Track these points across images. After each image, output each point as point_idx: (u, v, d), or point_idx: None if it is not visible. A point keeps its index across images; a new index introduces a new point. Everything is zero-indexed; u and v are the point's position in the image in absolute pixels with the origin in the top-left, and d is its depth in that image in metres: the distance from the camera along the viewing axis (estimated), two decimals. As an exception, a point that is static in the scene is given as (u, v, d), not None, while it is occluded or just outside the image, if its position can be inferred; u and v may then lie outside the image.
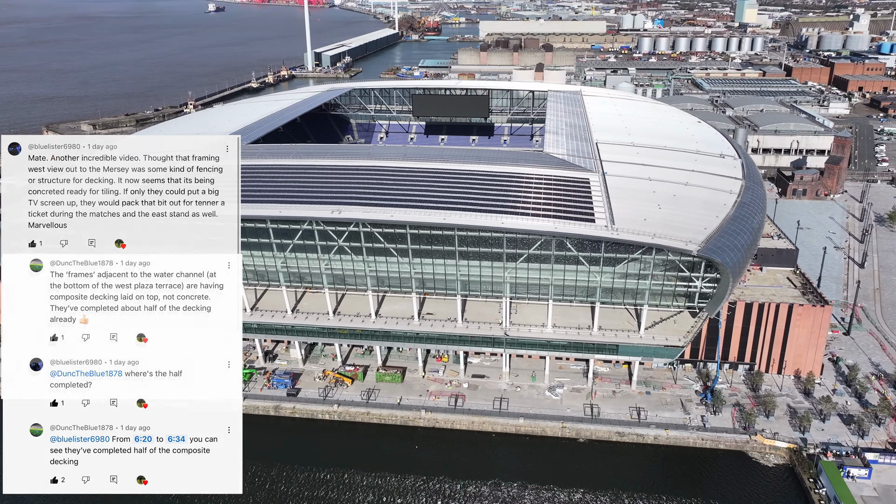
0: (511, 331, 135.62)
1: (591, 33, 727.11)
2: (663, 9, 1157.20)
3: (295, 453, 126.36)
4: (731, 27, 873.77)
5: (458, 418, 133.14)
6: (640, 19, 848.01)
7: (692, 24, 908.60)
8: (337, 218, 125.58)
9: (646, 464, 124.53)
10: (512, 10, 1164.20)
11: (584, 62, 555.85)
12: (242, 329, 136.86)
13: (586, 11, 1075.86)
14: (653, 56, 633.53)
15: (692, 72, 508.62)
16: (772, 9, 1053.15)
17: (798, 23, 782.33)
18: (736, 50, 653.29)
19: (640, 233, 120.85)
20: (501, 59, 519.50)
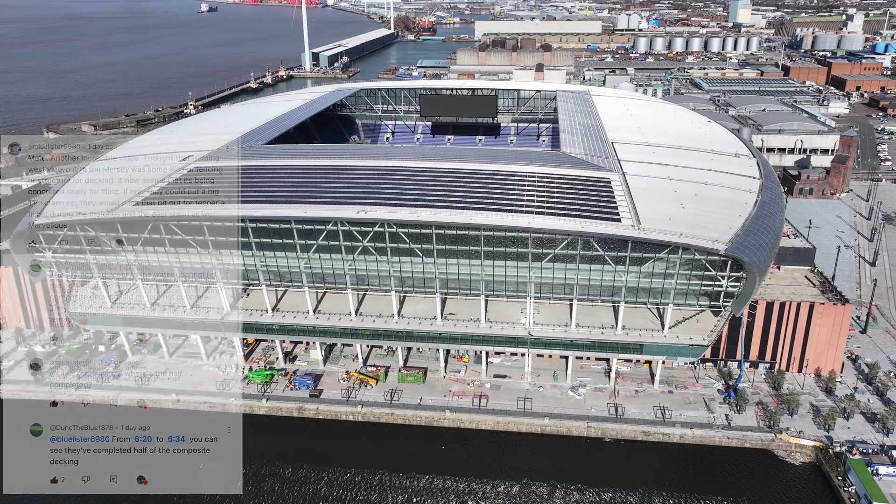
0: (535, 330, 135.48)
1: (588, 33, 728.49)
2: (656, 9, 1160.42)
3: (321, 454, 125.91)
4: (724, 27, 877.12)
5: (482, 418, 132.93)
6: (635, 19, 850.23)
7: (686, 24, 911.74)
8: (362, 218, 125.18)
9: (673, 463, 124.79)
10: (506, 11, 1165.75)
11: (581, 62, 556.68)
12: (264, 330, 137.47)
13: (580, 11, 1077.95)
14: (650, 56, 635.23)
15: (690, 72, 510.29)
16: (764, 9, 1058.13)
17: (792, 23, 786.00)
18: (732, 50, 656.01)
19: (666, 232, 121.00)
20: (500, 59, 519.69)
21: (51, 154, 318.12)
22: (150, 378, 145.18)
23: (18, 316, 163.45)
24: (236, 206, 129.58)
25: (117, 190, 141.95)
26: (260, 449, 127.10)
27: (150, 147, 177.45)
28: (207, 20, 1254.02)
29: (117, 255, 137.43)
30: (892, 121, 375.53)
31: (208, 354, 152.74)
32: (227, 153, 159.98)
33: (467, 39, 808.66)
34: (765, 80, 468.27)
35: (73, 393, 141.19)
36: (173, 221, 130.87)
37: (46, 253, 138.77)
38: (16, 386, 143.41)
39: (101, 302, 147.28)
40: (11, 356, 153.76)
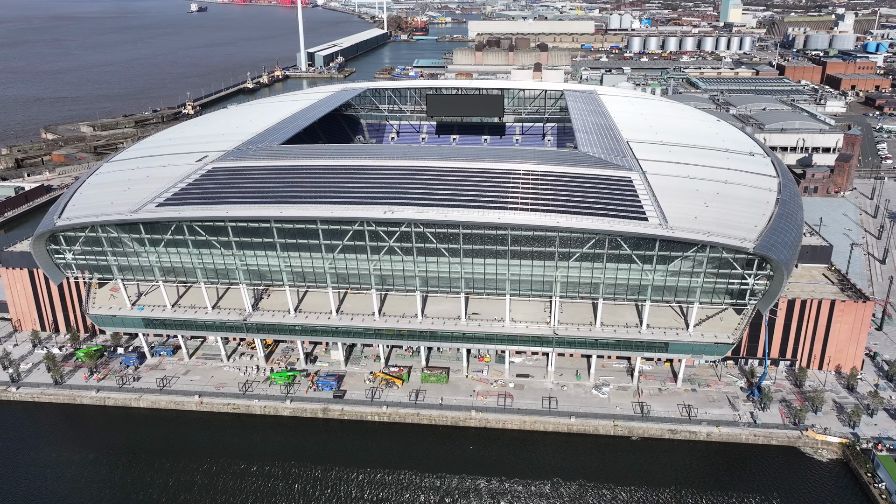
0: (560, 330, 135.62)
1: (581, 33, 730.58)
2: (647, 8, 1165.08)
3: (349, 455, 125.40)
4: (716, 27, 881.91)
5: (508, 418, 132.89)
6: (627, 19, 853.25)
7: (678, 24, 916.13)
8: (390, 218, 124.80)
9: (701, 461, 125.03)
10: (497, 10, 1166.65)
11: (577, 62, 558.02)
12: (287, 331, 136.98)
13: (571, 11, 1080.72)
14: (644, 56, 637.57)
15: (686, 71, 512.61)
16: (754, 8, 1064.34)
17: (784, 22, 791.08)
18: (725, 49, 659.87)
19: (694, 231, 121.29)
20: (497, 58, 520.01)
21: (51, 155, 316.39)
22: (172, 380, 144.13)
23: (33, 318, 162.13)
24: (262, 207, 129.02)
25: (137, 190, 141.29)
26: (288, 450, 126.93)
27: (163, 148, 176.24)
28: (198, 20, 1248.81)
29: (139, 256, 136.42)
30: (889, 119, 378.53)
31: (228, 356, 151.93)
32: (244, 154, 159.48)
33: (461, 39, 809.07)
34: (761, 79, 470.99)
35: (94, 396, 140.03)
36: (197, 222, 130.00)
37: (67, 254, 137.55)
38: (35, 389, 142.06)
39: (121, 304, 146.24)
40: (29, 359, 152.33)
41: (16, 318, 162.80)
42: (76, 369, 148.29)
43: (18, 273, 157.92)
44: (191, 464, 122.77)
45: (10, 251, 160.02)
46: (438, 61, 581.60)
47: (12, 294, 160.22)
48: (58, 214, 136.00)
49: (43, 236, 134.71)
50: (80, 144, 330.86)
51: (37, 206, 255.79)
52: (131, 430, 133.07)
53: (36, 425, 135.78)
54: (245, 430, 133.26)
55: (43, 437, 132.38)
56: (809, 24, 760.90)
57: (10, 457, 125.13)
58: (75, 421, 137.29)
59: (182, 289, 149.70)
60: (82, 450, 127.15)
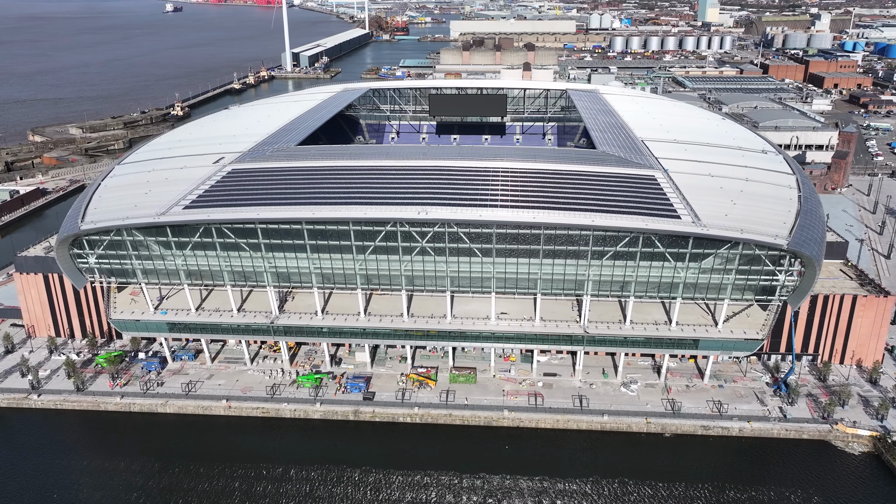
0: (590, 328, 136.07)
1: (564, 32, 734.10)
2: (624, 8, 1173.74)
3: (385, 457, 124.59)
4: (693, 26, 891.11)
5: (541, 417, 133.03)
6: (608, 19, 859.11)
7: (656, 24, 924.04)
8: (424, 219, 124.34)
9: (735, 456, 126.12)
10: (476, 10, 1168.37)
11: (563, 61, 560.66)
12: (314, 333, 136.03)
13: (550, 11, 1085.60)
14: (627, 55, 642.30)
15: (672, 70, 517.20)
16: (729, 8, 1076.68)
17: (762, 21, 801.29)
18: (706, 48, 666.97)
19: (727, 228, 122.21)
20: (484, 58, 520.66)
21: (41, 157, 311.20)
22: (196, 385, 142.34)
23: (48, 324, 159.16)
24: (293, 209, 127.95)
25: (159, 192, 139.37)
26: (323, 453, 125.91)
27: (174, 149, 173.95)
28: (173, 20, 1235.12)
29: (165, 259, 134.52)
30: (874, 117, 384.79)
31: (251, 359, 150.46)
32: (261, 155, 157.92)
33: (443, 39, 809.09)
34: (745, 77, 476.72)
35: (118, 402, 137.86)
36: (227, 224, 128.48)
37: (90, 258, 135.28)
38: (57, 396, 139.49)
39: (143, 308, 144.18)
40: (46, 365, 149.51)
41: (29, 324, 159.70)
42: (96, 375, 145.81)
43: (33, 278, 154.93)
44: (225, 469, 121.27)
45: (23, 256, 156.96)
46: (425, 61, 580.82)
47: (26, 300, 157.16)
48: (80, 218, 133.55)
49: (66, 240, 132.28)
50: (71, 147, 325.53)
51: (33, 210, 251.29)
52: (160, 437, 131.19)
53: (61, 433, 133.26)
54: (276, 433, 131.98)
55: (70, 444, 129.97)
56: (787, 24, 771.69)
57: (40, 466, 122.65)
58: (101, 428, 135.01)
59: (204, 292, 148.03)
60: (112, 457, 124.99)
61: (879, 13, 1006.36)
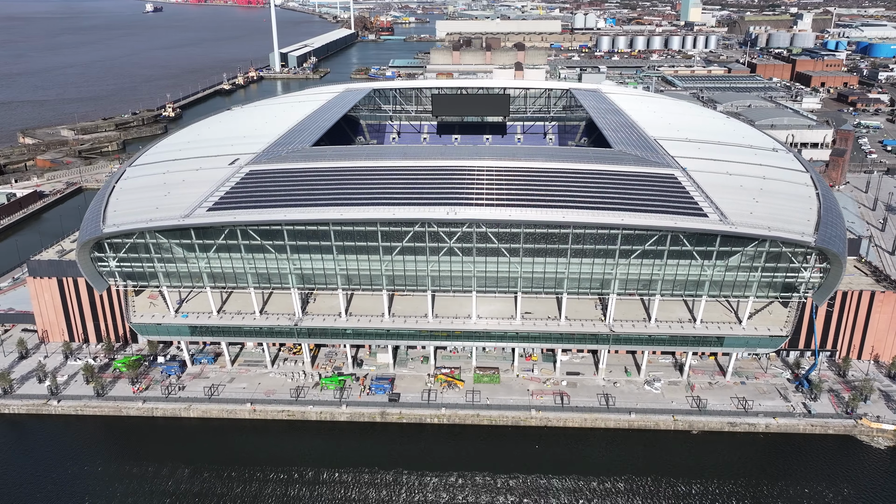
0: (615, 327, 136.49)
1: (550, 32, 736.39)
2: (606, 7, 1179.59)
3: (417, 458, 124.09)
4: (677, 25, 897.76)
5: (569, 416, 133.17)
6: (592, 18, 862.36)
7: (640, 23, 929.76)
8: (453, 219, 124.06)
9: (762, 452, 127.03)
10: (459, 10, 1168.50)
11: (552, 61, 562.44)
12: (339, 335, 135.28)
13: (533, 11, 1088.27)
14: (615, 54, 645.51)
15: (661, 69, 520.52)
16: (711, 7, 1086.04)
17: (745, 21, 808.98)
18: (692, 48, 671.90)
19: (755, 226, 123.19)
20: (475, 58, 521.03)
21: (34, 160, 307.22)
22: (218, 388, 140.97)
23: (62, 329, 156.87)
24: (320, 210, 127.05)
25: (178, 195, 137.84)
26: (353, 455, 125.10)
27: (185, 151, 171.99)
28: (154, 21, 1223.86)
29: (188, 262, 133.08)
30: (862, 115, 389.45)
31: (272, 361, 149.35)
32: (277, 156, 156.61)
33: (429, 39, 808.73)
34: (734, 76, 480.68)
35: (140, 407, 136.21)
36: (252, 226, 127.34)
37: (111, 262, 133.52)
38: (77, 402, 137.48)
39: (163, 311, 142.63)
40: (63, 371, 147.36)
41: (42, 328, 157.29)
42: (115, 380, 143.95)
43: (47, 282, 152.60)
44: (257, 473, 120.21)
45: (37, 260, 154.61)
46: (414, 61, 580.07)
47: (40, 304, 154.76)
48: (101, 221, 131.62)
49: (87, 244, 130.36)
50: (64, 149, 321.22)
51: (31, 214, 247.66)
52: (185, 441, 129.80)
53: (84, 439, 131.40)
54: (304, 436, 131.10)
55: (95, 450, 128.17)
56: (769, 23, 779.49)
57: (68, 473, 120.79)
58: (124, 433, 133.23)
59: (223, 294, 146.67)
60: (139, 463, 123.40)
61: (857, 13, 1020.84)
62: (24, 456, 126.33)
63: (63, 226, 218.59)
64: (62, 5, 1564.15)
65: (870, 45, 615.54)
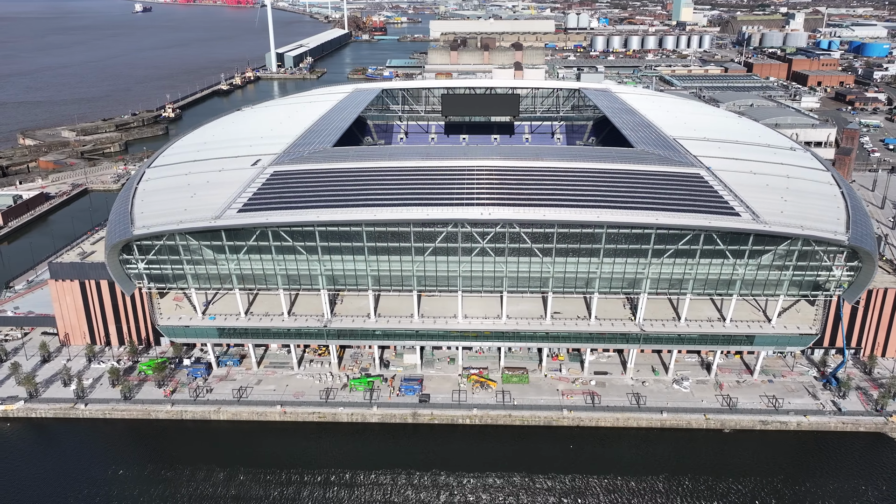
0: (646, 326, 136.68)
1: (544, 32, 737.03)
2: (597, 7, 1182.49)
3: (452, 459, 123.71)
4: (669, 25, 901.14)
5: (600, 415, 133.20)
6: (585, 18, 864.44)
7: (631, 23, 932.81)
8: (487, 219, 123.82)
9: (795, 449, 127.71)
10: (451, 10, 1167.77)
11: (549, 60, 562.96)
12: (369, 336, 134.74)
13: (525, 11, 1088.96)
14: (610, 54, 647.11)
15: (658, 68, 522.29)
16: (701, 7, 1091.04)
17: (737, 21, 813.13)
18: (686, 47, 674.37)
19: (787, 225, 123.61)
20: (472, 58, 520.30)
21: (37, 161, 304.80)
22: (246, 391, 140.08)
23: (83, 332, 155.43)
24: (352, 210, 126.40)
25: (205, 196, 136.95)
26: (387, 457, 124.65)
27: (203, 152, 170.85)
28: (143, 21, 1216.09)
29: (218, 263, 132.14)
30: (861, 114, 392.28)
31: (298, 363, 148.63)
32: (299, 157, 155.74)
33: (423, 39, 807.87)
34: (731, 76, 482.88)
35: (170, 410, 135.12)
36: (284, 228, 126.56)
37: (139, 264, 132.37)
38: (105, 405, 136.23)
39: (190, 313, 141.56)
40: (87, 374, 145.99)
41: (63, 332, 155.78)
42: (141, 383, 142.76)
43: (69, 285, 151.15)
44: (293, 475, 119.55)
45: (59, 262, 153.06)
46: (411, 61, 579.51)
47: (61, 307, 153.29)
48: (130, 223, 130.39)
49: (117, 246, 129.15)
50: (66, 150, 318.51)
51: (39, 216, 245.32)
52: (217, 444, 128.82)
53: (114, 442, 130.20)
54: (336, 438, 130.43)
55: (127, 454, 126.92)
56: (762, 23, 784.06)
57: (102, 476, 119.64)
58: (153, 436, 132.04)
59: (249, 297, 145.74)
60: (173, 466, 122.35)
61: (846, 12, 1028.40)
62: (55, 460, 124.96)
63: (75, 228, 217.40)
64: (48, 5, 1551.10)
65: (862, 45, 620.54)
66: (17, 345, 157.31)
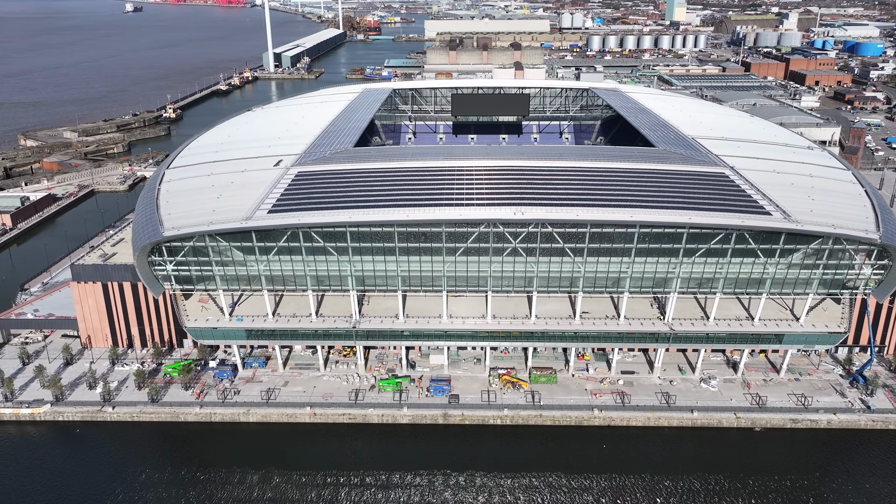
0: (675, 325, 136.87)
1: (540, 32, 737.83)
2: (589, 7, 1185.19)
3: (484, 460, 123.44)
4: (662, 25, 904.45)
5: (631, 415, 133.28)
6: (579, 18, 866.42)
7: (625, 23, 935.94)
8: (520, 219, 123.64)
9: (826, 447, 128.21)
10: (444, 10, 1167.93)
11: (547, 60, 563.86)
12: (398, 336, 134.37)
13: (517, 11, 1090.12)
14: (606, 54, 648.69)
15: (656, 68, 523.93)
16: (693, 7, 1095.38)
17: (731, 20, 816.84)
18: (682, 47, 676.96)
19: (819, 224, 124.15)
20: (471, 58, 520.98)
21: (40, 163, 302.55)
22: (274, 392, 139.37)
23: (105, 334, 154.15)
24: (384, 211, 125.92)
25: (231, 197, 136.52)
26: (423, 457, 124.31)
27: (221, 152, 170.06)
28: (135, 21, 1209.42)
29: (248, 265, 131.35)
30: (861, 113, 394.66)
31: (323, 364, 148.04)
32: (320, 157, 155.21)
33: (418, 39, 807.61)
34: (729, 75, 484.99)
35: (199, 412, 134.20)
36: (316, 228, 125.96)
37: (168, 265, 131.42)
38: (132, 408, 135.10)
39: (216, 315, 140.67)
40: (112, 376, 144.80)
41: (85, 334, 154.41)
42: (167, 385, 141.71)
43: (91, 287, 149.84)
44: (328, 478, 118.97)
45: (81, 264, 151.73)
46: (409, 61, 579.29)
47: (83, 309, 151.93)
48: (159, 224, 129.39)
49: (146, 248, 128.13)
50: (70, 151, 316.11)
51: (47, 217, 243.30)
52: (248, 446, 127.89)
53: (144, 445, 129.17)
54: (368, 439, 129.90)
55: (158, 457, 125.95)
56: (755, 23, 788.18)
57: (140, 480, 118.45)
58: (183, 439, 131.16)
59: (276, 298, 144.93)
60: (205, 469, 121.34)
61: (837, 12, 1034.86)
62: (86, 464, 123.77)
63: (87, 230, 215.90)
64: (37, 5, 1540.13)
65: (857, 45, 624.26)
66: (37, 347, 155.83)
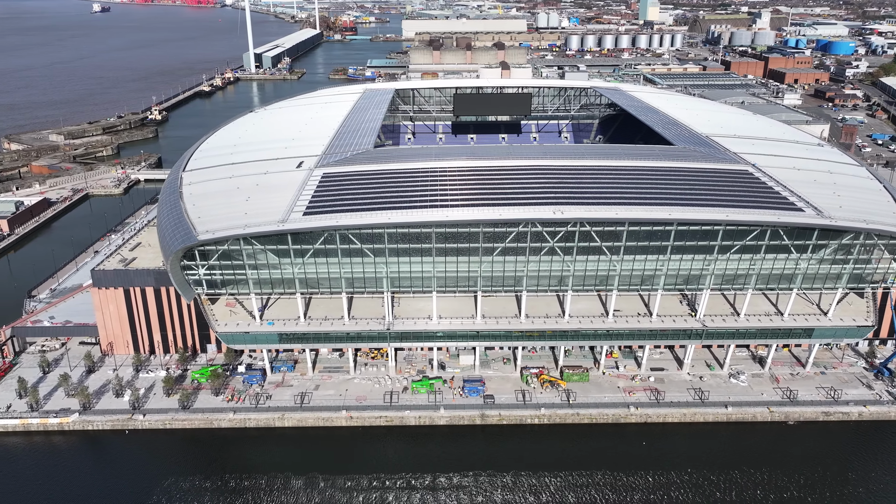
0: (706, 321, 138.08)
1: (518, 31, 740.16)
2: (562, 7, 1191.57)
3: (527, 459, 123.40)
4: (636, 24, 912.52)
5: (667, 412, 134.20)
6: (555, 18, 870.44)
7: (599, 22, 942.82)
8: (559, 218, 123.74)
9: (860, 439, 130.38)
10: (417, 9, 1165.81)
11: (529, 59, 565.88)
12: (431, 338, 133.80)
13: (492, 10, 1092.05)
14: (585, 53, 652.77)
15: (637, 67, 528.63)
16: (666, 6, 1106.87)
17: (705, 20, 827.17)
18: (658, 46, 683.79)
19: (852, 219, 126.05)
20: (456, 57, 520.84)
21: (28, 166, 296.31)
22: (307, 396, 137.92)
23: (126, 341, 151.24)
24: (421, 212, 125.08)
25: (260, 199, 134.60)
26: (465, 458, 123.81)
27: (237, 154, 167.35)
28: (103, 21, 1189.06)
29: (282, 267, 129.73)
30: (842, 110, 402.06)
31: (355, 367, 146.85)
32: (342, 159, 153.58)
33: (395, 39, 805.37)
34: (711, 74, 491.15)
35: (233, 418, 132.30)
36: (353, 230, 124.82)
37: (200, 270, 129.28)
38: (164, 415, 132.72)
39: (247, 319, 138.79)
40: (137, 383, 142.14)
41: (106, 341, 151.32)
42: (195, 391, 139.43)
43: (112, 293, 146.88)
44: (372, 481, 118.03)
45: (102, 270, 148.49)
46: (392, 61, 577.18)
47: (104, 316, 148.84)
48: (192, 228, 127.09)
49: (179, 253, 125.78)
50: (58, 154, 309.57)
51: (43, 223, 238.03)
52: (285, 451, 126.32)
53: (179, 454, 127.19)
54: (406, 441, 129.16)
55: (196, 465, 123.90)
56: (729, 22, 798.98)
57: (181, 489, 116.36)
58: (218, 446, 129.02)
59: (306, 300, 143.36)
60: (248, 475, 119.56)
61: (805, 11, 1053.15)
62: (122, 474, 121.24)
63: (91, 234, 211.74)
64: (2, 5, 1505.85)
65: (829, 43, 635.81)
66: (56, 355, 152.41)
